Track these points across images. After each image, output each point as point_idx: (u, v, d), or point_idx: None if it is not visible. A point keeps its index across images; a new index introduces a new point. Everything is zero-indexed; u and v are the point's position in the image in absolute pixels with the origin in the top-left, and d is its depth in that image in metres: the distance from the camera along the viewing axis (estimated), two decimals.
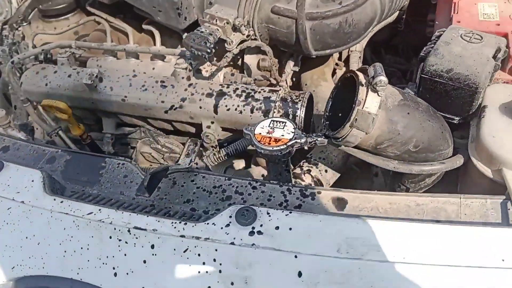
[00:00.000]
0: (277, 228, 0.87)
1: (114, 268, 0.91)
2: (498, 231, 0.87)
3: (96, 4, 1.76)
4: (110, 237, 0.91)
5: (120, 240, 0.91)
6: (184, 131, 1.48)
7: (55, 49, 1.63)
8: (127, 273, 0.90)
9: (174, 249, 0.87)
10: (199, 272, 0.86)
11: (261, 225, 0.88)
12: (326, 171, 1.35)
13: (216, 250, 0.86)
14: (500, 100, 1.10)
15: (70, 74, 1.51)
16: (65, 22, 1.80)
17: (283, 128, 1.08)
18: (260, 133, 1.07)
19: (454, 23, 1.29)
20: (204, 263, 0.86)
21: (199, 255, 0.86)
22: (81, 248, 0.93)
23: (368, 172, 1.58)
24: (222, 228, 0.88)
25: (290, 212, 0.89)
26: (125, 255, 0.90)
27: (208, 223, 0.89)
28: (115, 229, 0.92)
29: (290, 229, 0.87)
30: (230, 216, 0.89)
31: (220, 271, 0.85)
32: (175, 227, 0.90)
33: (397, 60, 2.22)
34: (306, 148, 1.09)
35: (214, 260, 0.85)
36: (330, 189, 1.03)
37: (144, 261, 0.89)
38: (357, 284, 0.80)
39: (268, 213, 0.89)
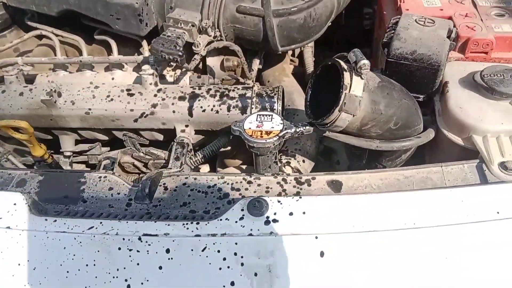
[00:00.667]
0: (291, 214, 0.89)
1: (126, 280, 0.86)
2: (485, 189, 0.96)
3: (36, 18, 1.66)
4: (119, 248, 0.87)
5: (130, 250, 0.87)
6: (151, 139, 1.44)
7: None
8: (142, 283, 0.86)
9: (192, 250, 0.85)
10: (220, 268, 0.85)
11: (275, 213, 0.89)
12: (303, 161, 1.39)
13: (236, 243, 0.85)
14: (458, 75, 1.22)
15: (22, 92, 1.41)
16: (2, 40, 1.67)
17: (271, 121, 1.10)
18: (250, 128, 1.09)
19: (403, 11, 1.40)
20: (224, 259, 0.85)
21: (218, 251, 0.85)
22: (86, 265, 0.88)
23: (330, 160, 1.65)
24: (236, 222, 0.88)
25: (300, 197, 0.91)
26: (138, 264, 0.86)
27: (221, 219, 0.89)
28: (123, 239, 0.87)
29: (304, 213, 0.89)
30: (242, 209, 0.89)
31: (242, 264, 0.84)
32: (187, 228, 0.88)
33: (334, 55, 2.33)
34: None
35: (235, 254, 0.85)
36: (323, 174, 1.07)
37: (160, 267, 0.86)
38: (377, 255, 0.84)
39: (279, 201, 0.90)
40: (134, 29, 1.38)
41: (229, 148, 1.46)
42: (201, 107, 1.29)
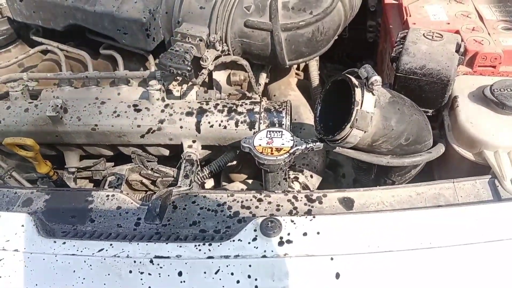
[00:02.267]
0: (305, 234, 0.87)
1: None
2: (499, 207, 0.95)
3: (41, 33, 1.66)
4: (131, 272, 0.85)
5: (142, 273, 0.85)
6: (157, 155, 1.43)
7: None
8: None
9: (205, 272, 0.84)
10: None
11: (289, 234, 0.87)
12: (311, 176, 1.38)
13: (250, 266, 0.84)
14: (467, 90, 1.21)
15: (27, 108, 1.40)
16: (7, 54, 1.67)
17: (281, 137, 1.09)
18: (260, 144, 1.08)
19: (410, 25, 1.40)
20: (238, 282, 0.83)
21: (232, 274, 0.84)
22: None
23: (335, 173, 1.64)
24: (249, 243, 0.86)
25: (314, 217, 0.90)
26: (149, 287, 0.85)
27: (234, 240, 0.87)
28: (134, 262, 0.86)
29: (318, 233, 0.87)
30: (255, 230, 0.88)
31: (256, 287, 0.83)
32: (200, 250, 0.86)
33: (337, 67, 2.33)
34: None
35: (249, 276, 0.83)
36: (334, 191, 1.06)
37: None
38: (393, 276, 0.83)
39: (292, 221, 0.89)
40: (142, 43, 1.37)
41: (235, 162, 1.45)
42: (209, 122, 1.28)
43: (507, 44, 1.28)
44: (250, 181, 1.42)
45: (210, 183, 1.59)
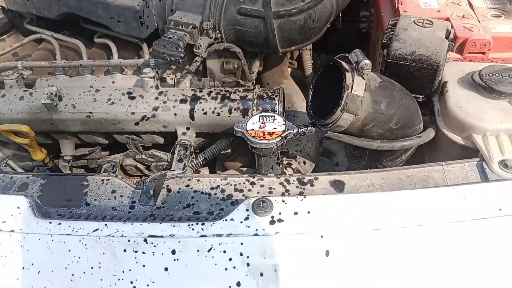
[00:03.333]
0: (295, 213, 0.89)
1: (132, 282, 0.86)
2: (487, 186, 0.97)
3: (35, 22, 1.66)
4: (125, 250, 0.87)
5: (136, 251, 0.87)
6: (152, 142, 1.44)
7: None
8: (148, 285, 0.86)
9: (198, 250, 0.86)
10: (226, 269, 0.85)
11: (280, 213, 0.89)
12: (304, 162, 1.39)
13: (241, 244, 0.85)
14: (456, 75, 1.23)
15: (22, 96, 1.41)
16: (1, 44, 1.67)
17: (273, 122, 1.11)
18: (253, 129, 1.09)
19: (401, 13, 1.41)
20: (230, 259, 0.85)
21: (224, 251, 0.85)
22: (92, 267, 0.88)
23: (329, 162, 1.66)
24: (241, 222, 0.88)
25: (305, 197, 0.92)
26: (143, 266, 0.86)
27: (226, 220, 0.89)
28: (129, 241, 0.87)
29: (309, 212, 0.89)
30: (247, 210, 0.90)
31: (248, 264, 0.85)
32: (193, 229, 0.88)
33: (331, 58, 2.34)
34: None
35: (241, 254, 0.85)
36: (325, 174, 1.07)
37: (166, 269, 0.86)
38: (381, 254, 0.85)
39: (283, 201, 0.91)
40: (135, 31, 1.38)
41: (229, 150, 1.46)
42: (203, 109, 1.30)
43: (497, 30, 1.30)
44: (244, 169, 1.44)
45: (205, 171, 1.61)
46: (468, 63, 1.28)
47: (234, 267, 0.85)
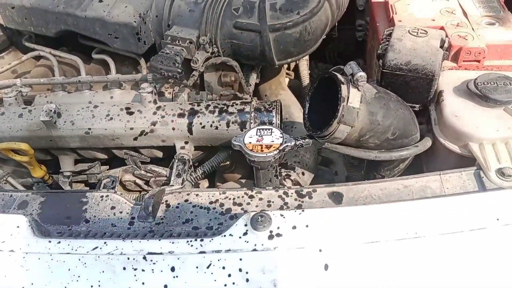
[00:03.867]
0: (294, 227, 0.89)
1: None
2: (484, 196, 0.97)
3: (33, 39, 1.67)
4: (124, 268, 0.87)
5: (135, 269, 0.87)
6: (151, 157, 1.45)
7: None
8: None
9: (197, 267, 0.86)
10: (225, 285, 0.85)
11: (278, 228, 0.89)
12: (303, 173, 1.40)
13: (240, 259, 0.86)
14: (452, 84, 1.23)
15: (21, 114, 1.42)
16: (0, 61, 1.69)
17: (271, 135, 1.11)
18: (250, 142, 1.10)
19: (396, 22, 1.42)
20: (230, 275, 0.85)
21: (223, 268, 0.85)
22: (91, 286, 0.88)
23: (330, 171, 1.66)
24: (240, 237, 0.88)
25: (303, 211, 0.92)
26: (143, 283, 0.86)
27: (225, 235, 0.89)
28: (128, 259, 0.88)
29: (307, 226, 0.89)
30: (246, 225, 0.90)
31: (247, 280, 0.85)
32: (192, 245, 0.88)
33: (328, 67, 2.36)
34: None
35: (240, 270, 0.85)
36: (323, 186, 1.08)
37: (165, 286, 0.86)
38: (380, 266, 0.85)
39: (282, 215, 0.91)
40: (133, 47, 1.40)
41: (228, 162, 1.47)
42: (201, 123, 1.31)
43: (491, 38, 1.31)
44: (243, 181, 1.44)
45: (204, 184, 1.61)
46: (463, 71, 1.29)
47: (234, 283, 0.85)
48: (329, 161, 1.66)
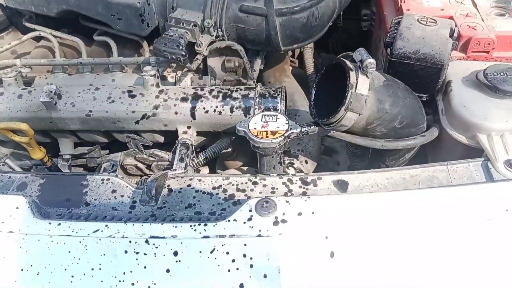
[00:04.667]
0: (299, 214, 0.88)
1: (133, 284, 0.85)
2: (492, 186, 0.96)
3: (34, 20, 1.64)
4: (126, 252, 0.86)
5: (137, 252, 0.85)
6: (152, 141, 1.42)
7: None
8: (149, 286, 0.84)
9: (200, 252, 0.84)
10: (229, 270, 0.83)
11: (283, 214, 0.88)
12: (306, 162, 1.38)
13: (245, 245, 0.84)
14: (461, 74, 1.22)
15: (21, 94, 1.39)
16: (0, 42, 1.65)
17: (276, 121, 1.09)
18: (255, 128, 1.08)
19: (404, 11, 1.40)
20: (233, 260, 0.84)
21: (227, 253, 0.84)
22: (92, 269, 0.86)
23: (332, 160, 1.65)
24: (245, 222, 0.87)
25: (309, 197, 0.90)
26: (145, 267, 0.85)
27: (229, 220, 0.87)
28: (130, 242, 0.86)
29: (313, 213, 0.88)
30: (250, 210, 0.88)
31: (251, 266, 0.83)
32: (195, 230, 0.87)
33: (331, 57, 2.33)
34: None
35: (244, 255, 0.84)
36: (329, 173, 1.06)
37: (168, 270, 0.84)
38: (386, 255, 0.84)
39: (287, 201, 0.89)
40: (136, 29, 1.37)
41: (229, 149, 1.45)
42: (204, 108, 1.28)
43: (501, 29, 1.29)
44: (245, 168, 1.43)
45: (205, 170, 1.59)
46: (472, 62, 1.27)
47: (237, 269, 0.83)
48: (331, 150, 1.64)
